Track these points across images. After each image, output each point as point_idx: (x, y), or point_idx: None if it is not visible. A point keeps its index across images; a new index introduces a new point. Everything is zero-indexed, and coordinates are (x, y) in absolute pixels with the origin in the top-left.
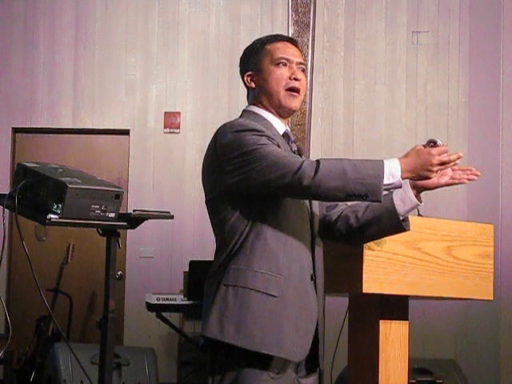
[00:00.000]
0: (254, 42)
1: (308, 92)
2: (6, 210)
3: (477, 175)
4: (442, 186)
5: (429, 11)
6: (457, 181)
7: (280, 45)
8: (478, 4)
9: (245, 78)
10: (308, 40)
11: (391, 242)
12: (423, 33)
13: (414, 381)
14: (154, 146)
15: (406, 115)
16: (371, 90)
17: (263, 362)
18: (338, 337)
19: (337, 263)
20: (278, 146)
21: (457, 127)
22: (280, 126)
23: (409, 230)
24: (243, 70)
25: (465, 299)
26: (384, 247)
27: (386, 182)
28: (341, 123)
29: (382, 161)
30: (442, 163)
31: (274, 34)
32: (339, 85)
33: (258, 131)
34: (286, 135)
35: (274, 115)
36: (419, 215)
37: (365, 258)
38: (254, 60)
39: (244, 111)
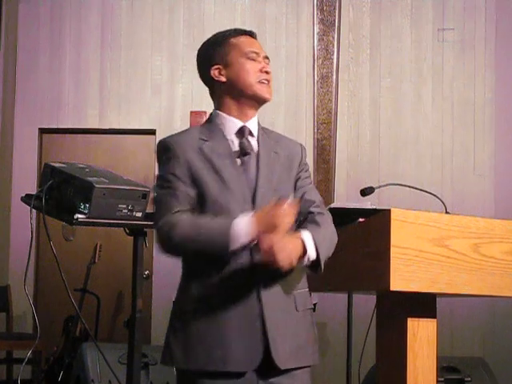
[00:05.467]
0: (215, 36)
1: (334, 90)
2: (33, 210)
3: None
4: None
5: (454, 8)
6: None
7: (243, 39)
8: (503, 0)
9: (211, 72)
10: (333, 38)
11: (418, 240)
12: (449, 30)
13: (442, 379)
14: None
15: (432, 112)
16: (397, 87)
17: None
18: (365, 335)
19: (364, 261)
20: (188, 163)
21: (483, 124)
22: (236, 124)
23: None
24: (206, 64)
25: (493, 296)
26: (411, 244)
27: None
28: (367, 121)
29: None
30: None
31: (233, 28)
32: (365, 83)
33: (169, 153)
34: (240, 131)
35: (233, 115)
36: (447, 213)
37: (392, 255)
38: (220, 53)
39: (209, 115)
